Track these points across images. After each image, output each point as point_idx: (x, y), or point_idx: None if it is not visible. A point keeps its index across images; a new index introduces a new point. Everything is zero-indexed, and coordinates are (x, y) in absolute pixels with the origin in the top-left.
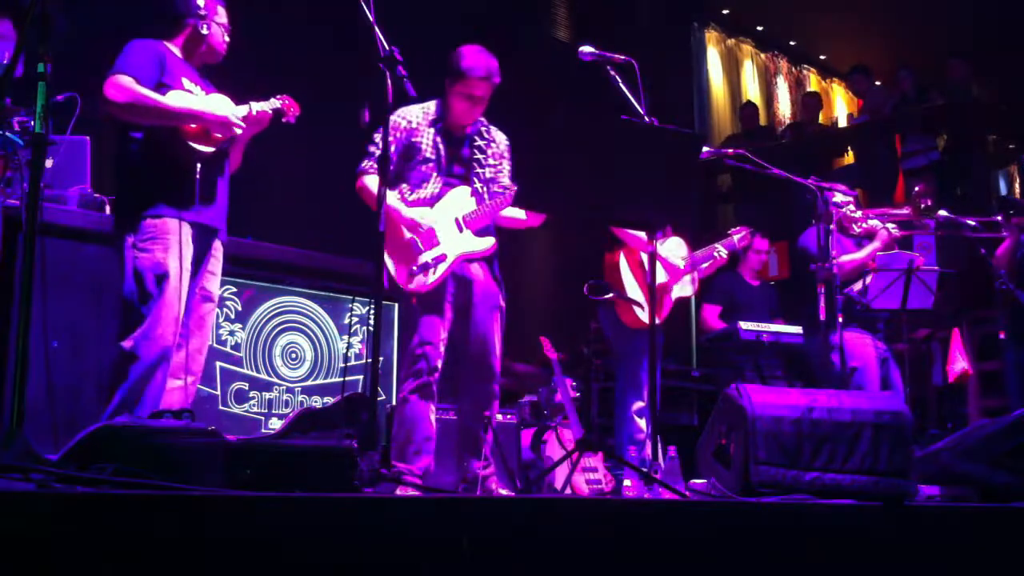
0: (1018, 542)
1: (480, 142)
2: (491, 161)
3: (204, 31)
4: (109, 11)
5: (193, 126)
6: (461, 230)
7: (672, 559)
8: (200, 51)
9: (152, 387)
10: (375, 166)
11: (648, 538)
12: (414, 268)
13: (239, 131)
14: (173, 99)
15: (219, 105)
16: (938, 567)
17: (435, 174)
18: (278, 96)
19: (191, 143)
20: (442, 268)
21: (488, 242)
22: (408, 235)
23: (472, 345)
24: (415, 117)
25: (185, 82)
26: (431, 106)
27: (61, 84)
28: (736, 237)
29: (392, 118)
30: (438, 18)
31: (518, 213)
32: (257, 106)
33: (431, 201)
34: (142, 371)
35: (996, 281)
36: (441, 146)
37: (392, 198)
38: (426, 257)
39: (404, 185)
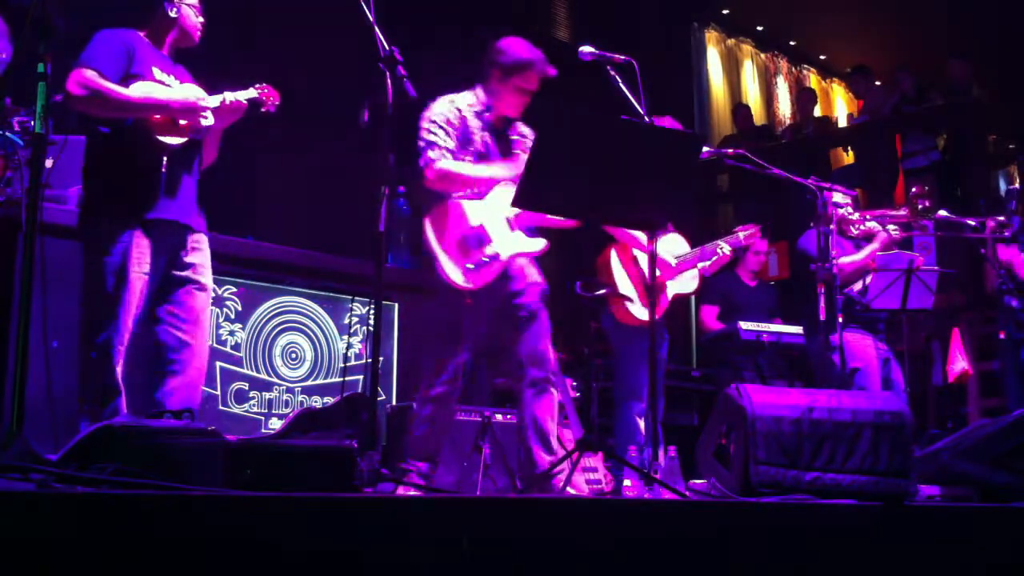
0: (1018, 542)
1: (516, 136)
2: None
3: (173, 14)
4: (109, 11)
5: (158, 117)
6: (512, 229)
7: (672, 559)
8: (173, 36)
9: (119, 393)
10: (446, 155)
11: (648, 538)
12: (469, 266)
13: (208, 118)
14: (136, 90)
15: (186, 93)
16: (938, 567)
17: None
18: (256, 85)
19: (157, 136)
20: (496, 267)
21: (540, 243)
22: (464, 231)
23: (528, 340)
24: (463, 107)
25: (156, 72)
26: (470, 97)
27: (61, 84)
28: (743, 234)
29: (443, 107)
30: (438, 18)
31: None
32: (231, 95)
33: (481, 196)
34: (106, 379)
35: (997, 281)
36: (489, 140)
37: (487, 168)
38: (482, 255)
39: None
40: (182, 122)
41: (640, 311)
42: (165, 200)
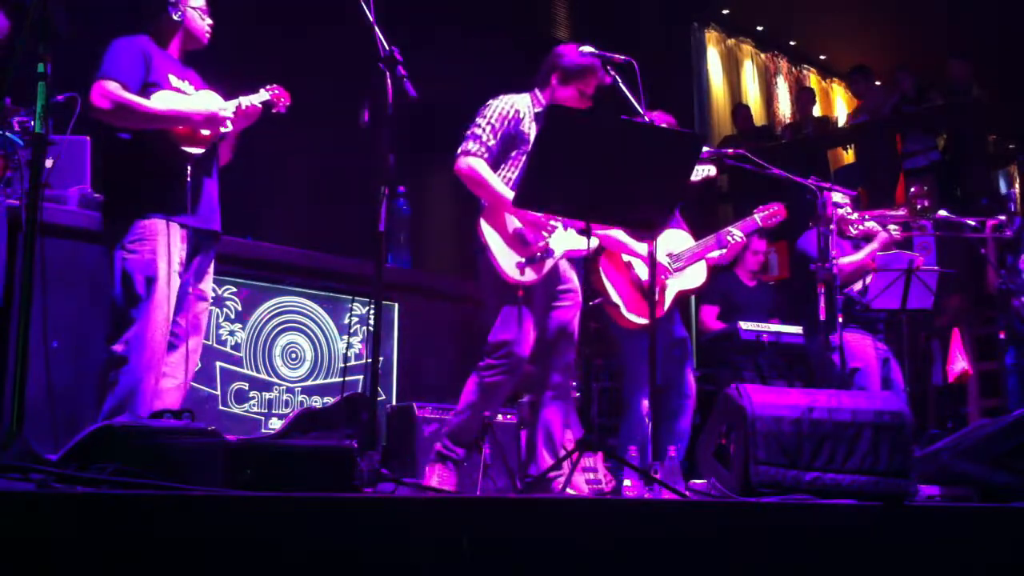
0: (1018, 542)
1: None
2: None
3: (176, 17)
4: (109, 11)
5: (181, 128)
6: (565, 228)
7: (672, 559)
8: (180, 39)
9: (143, 390)
10: (483, 153)
11: (648, 538)
12: (522, 260)
13: (229, 127)
14: (159, 102)
15: (206, 102)
16: (938, 567)
17: None
18: (267, 87)
19: (181, 146)
20: (549, 263)
21: (592, 242)
22: (519, 227)
23: (559, 344)
24: (521, 107)
25: (172, 79)
26: (528, 99)
27: (61, 84)
28: (759, 216)
29: (501, 104)
30: (438, 18)
31: None
32: (246, 100)
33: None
34: (132, 375)
35: (997, 280)
36: None
37: (501, 185)
38: (537, 249)
39: (506, 172)
40: (204, 132)
41: (632, 315)
42: (192, 207)
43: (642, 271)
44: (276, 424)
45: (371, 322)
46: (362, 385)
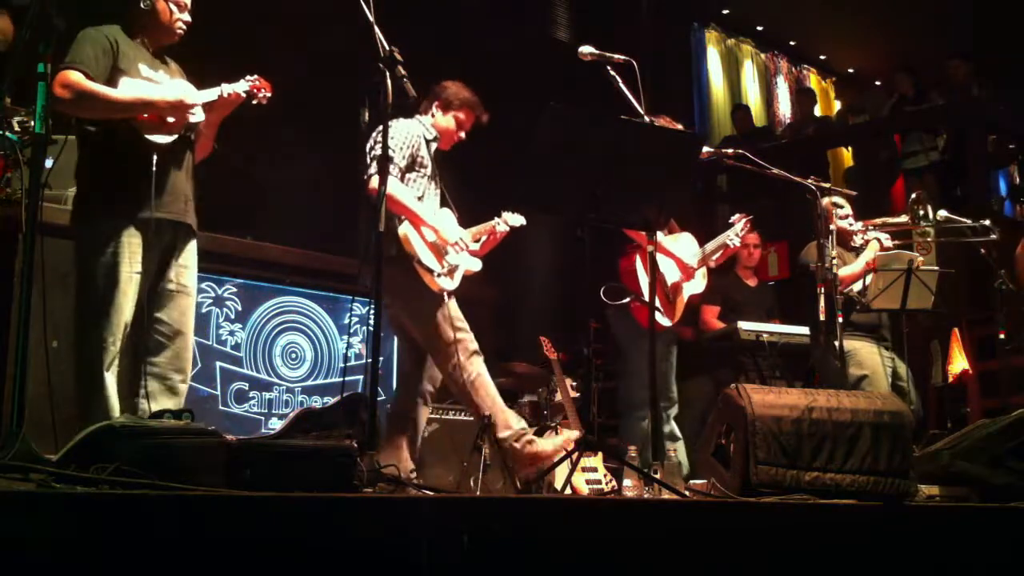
0: (1018, 542)
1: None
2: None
3: (144, 6)
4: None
5: (146, 115)
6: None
7: (672, 559)
8: (150, 31)
9: (108, 394)
10: (398, 172)
11: (648, 538)
12: (441, 270)
13: (197, 114)
14: (123, 90)
15: (173, 90)
16: (938, 567)
17: (431, 191)
18: (248, 77)
19: (146, 135)
20: (458, 276)
21: (478, 264)
22: (433, 240)
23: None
24: (423, 132)
25: (143, 68)
26: (418, 124)
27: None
28: (737, 227)
29: (407, 129)
30: (438, 18)
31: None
32: (228, 88)
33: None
34: (93, 380)
35: (996, 280)
36: (435, 165)
37: (417, 203)
38: (451, 262)
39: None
40: (170, 120)
41: (664, 318)
42: (158, 199)
43: (669, 272)
44: (276, 424)
45: (371, 322)
46: (362, 385)
